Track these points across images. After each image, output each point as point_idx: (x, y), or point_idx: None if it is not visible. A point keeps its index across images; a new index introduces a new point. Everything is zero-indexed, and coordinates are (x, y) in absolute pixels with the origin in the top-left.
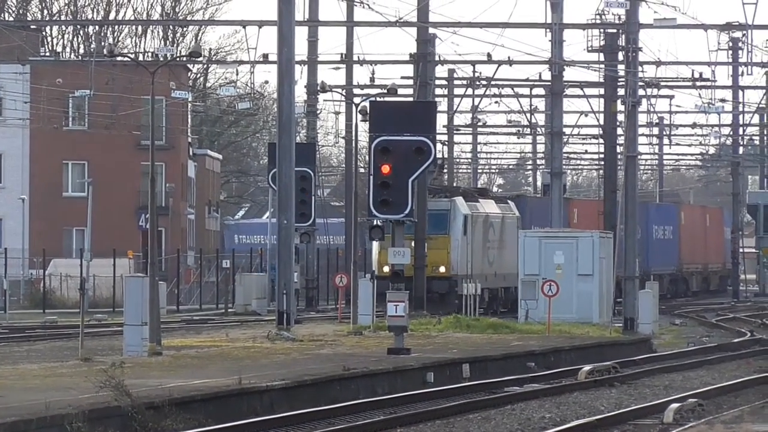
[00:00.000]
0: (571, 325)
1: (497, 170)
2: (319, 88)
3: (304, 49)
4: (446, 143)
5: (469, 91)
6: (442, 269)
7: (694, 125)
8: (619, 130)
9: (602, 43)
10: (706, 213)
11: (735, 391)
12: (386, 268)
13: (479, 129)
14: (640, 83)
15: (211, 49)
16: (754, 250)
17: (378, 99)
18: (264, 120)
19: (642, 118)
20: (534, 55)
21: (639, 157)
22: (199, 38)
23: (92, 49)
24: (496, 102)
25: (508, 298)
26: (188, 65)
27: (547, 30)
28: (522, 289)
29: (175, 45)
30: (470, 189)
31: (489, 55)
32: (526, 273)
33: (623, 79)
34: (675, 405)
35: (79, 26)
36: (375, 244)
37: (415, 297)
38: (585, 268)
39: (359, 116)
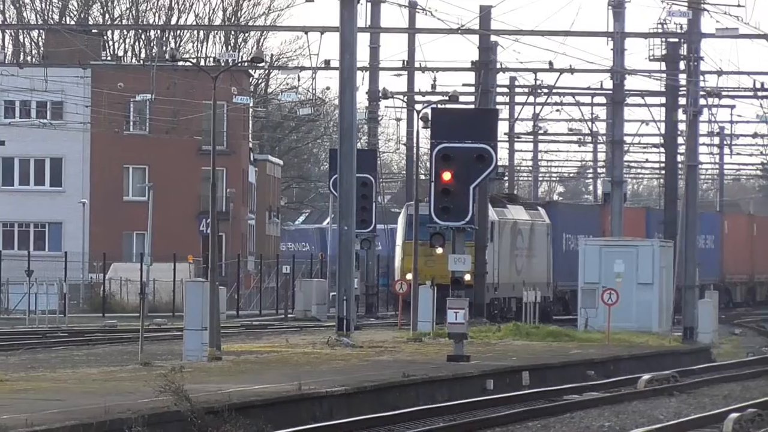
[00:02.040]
0: (631, 334)
1: (558, 178)
2: (380, 95)
3: (365, 55)
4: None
5: (531, 99)
6: (467, 278)
7: (755, 135)
8: (680, 140)
9: (664, 52)
10: (753, 222)
11: None
12: (409, 276)
13: (540, 137)
14: (702, 93)
15: (272, 54)
16: None
17: (439, 106)
18: (325, 126)
19: (703, 128)
20: (595, 64)
21: (699, 166)
22: (260, 44)
23: (153, 54)
24: (557, 110)
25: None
26: (250, 71)
27: (609, 38)
28: (582, 297)
29: (236, 50)
30: (498, 195)
31: (551, 63)
32: (586, 281)
33: (684, 89)
34: (734, 415)
35: (140, 31)
36: (398, 250)
37: (475, 304)
38: (645, 277)
39: (420, 123)
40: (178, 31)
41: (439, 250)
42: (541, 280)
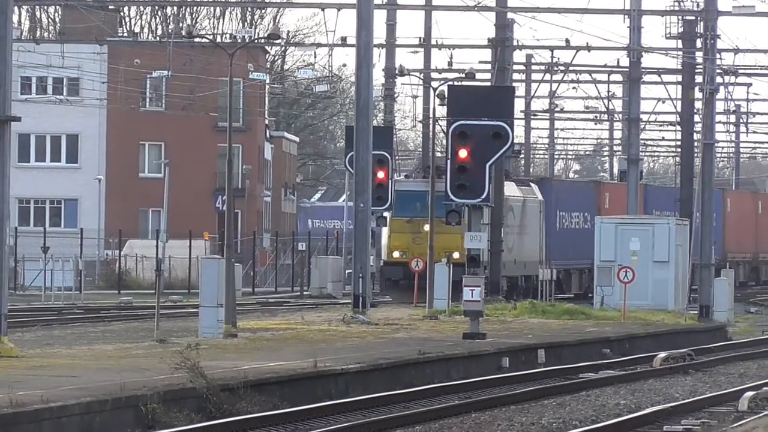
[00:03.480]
0: (647, 312)
1: (574, 156)
2: (397, 72)
3: (382, 32)
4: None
5: (547, 76)
6: (456, 255)
7: None
8: (697, 118)
9: (681, 30)
10: (758, 200)
11: None
12: (396, 254)
13: (556, 115)
14: (718, 71)
15: (289, 31)
16: None
17: (456, 83)
18: (341, 103)
19: (719, 106)
20: (612, 41)
21: (716, 144)
22: (277, 20)
23: (170, 30)
24: (573, 88)
25: (529, 288)
26: (266, 47)
27: (626, 16)
28: (597, 275)
29: (253, 27)
30: None
31: (567, 40)
32: (602, 259)
33: (701, 67)
34: (750, 393)
35: (157, 7)
36: (384, 228)
37: (491, 282)
38: (661, 255)
39: (437, 100)
40: (195, 8)
41: (427, 227)
42: (533, 258)
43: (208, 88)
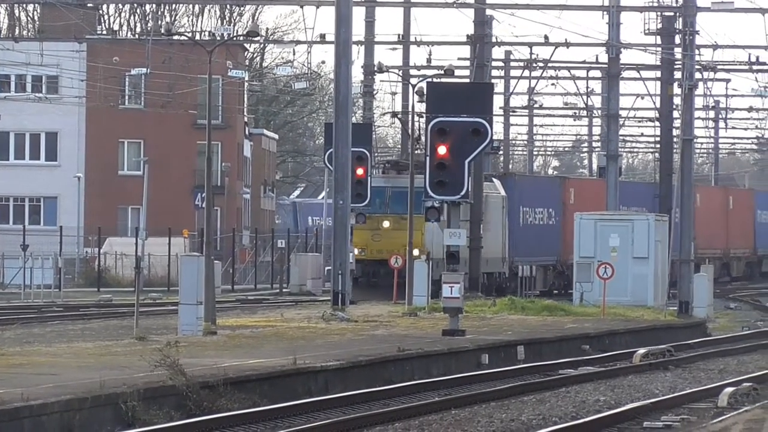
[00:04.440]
0: (626, 308)
1: (553, 152)
2: (376, 69)
3: (361, 29)
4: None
5: (526, 73)
6: (416, 252)
7: (750, 109)
8: (676, 113)
9: (659, 26)
10: (729, 195)
11: None
12: (354, 251)
13: (535, 111)
14: (697, 66)
15: (268, 28)
16: None
17: (435, 80)
18: (320, 100)
19: (698, 102)
20: (591, 38)
21: (695, 140)
22: (256, 18)
23: (149, 28)
24: (552, 84)
25: (491, 285)
26: (245, 45)
27: (605, 12)
28: (577, 271)
29: (232, 24)
30: None
31: (546, 37)
32: (581, 255)
33: (680, 62)
34: (729, 389)
35: (136, 5)
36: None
37: (470, 278)
38: (640, 251)
39: (416, 97)
40: (174, 5)
41: (386, 224)
42: (495, 255)
43: (187, 86)
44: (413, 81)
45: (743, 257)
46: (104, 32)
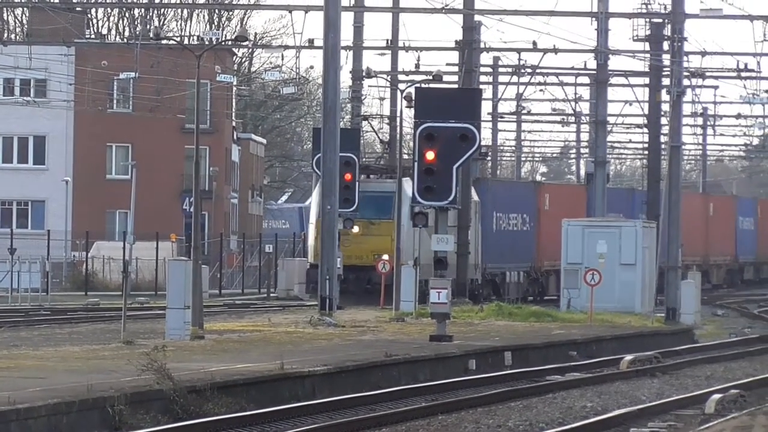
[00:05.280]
0: (613, 315)
1: (541, 158)
2: (364, 74)
3: (349, 34)
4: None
5: (514, 78)
6: (386, 257)
7: (738, 116)
8: (664, 120)
9: (648, 32)
10: (709, 202)
11: None
12: None
13: (523, 117)
14: (685, 73)
15: (256, 33)
16: None
17: (423, 85)
18: (308, 105)
19: (686, 108)
20: (579, 44)
21: (683, 147)
22: (244, 22)
23: (137, 32)
24: (540, 90)
25: (461, 291)
26: (233, 49)
27: (593, 19)
28: (564, 277)
29: (220, 29)
30: None
31: (534, 43)
32: (568, 261)
33: (668, 69)
34: (717, 396)
35: (124, 9)
36: (311, 228)
37: (458, 284)
38: (628, 258)
39: (404, 102)
40: (162, 10)
41: (355, 229)
42: (468, 261)
43: (175, 90)
44: (401, 86)
45: (723, 264)
46: (93, 36)
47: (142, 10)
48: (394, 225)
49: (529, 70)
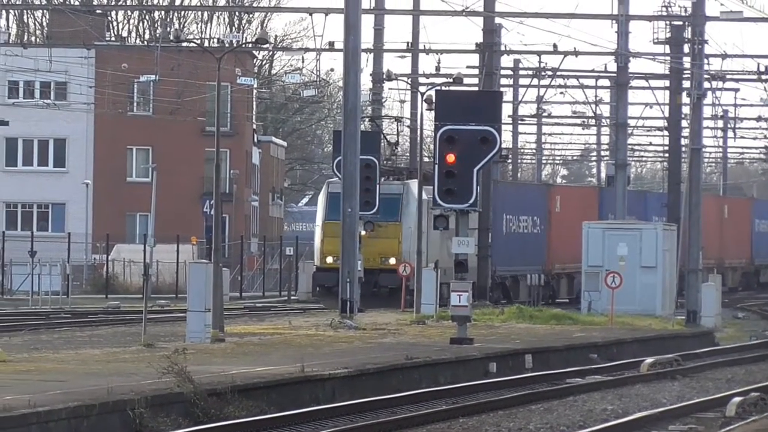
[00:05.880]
0: (634, 317)
1: (561, 161)
2: (384, 77)
3: (370, 37)
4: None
5: (535, 81)
6: (393, 261)
7: (759, 118)
8: (684, 123)
9: (668, 35)
10: (724, 204)
11: None
12: (330, 259)
13: (544, 120)
14: (706, 76)
15: (276, 36)
16: None
17: (444, 88)
18: (329, 108)
19: (707, 111)
20: (600, 46)
21: (703, 149)
22: (265, 25)
23: (158, 35)
24: (561, 93)
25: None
26: (254, 52)
27: (614, 21)
28: (585, 280)
29: (240, 31)
30: (429, 171)
31: (555, 45)
32: (589, 264)
33: (689, 72)
34: (737, 399)
35: (144, 11)
36: (318, 231)
37: (478, 287)
38: (648, 260)
39: (424, 105)
40: (183, 12)
41: (364, 232)
42: (474, 264)
43: (196, 93)
44: (422, 89)
45: (739, 267)
46: (113, 39)
47: (163, 12)
48: (401, 227)
49: (549, 73)
